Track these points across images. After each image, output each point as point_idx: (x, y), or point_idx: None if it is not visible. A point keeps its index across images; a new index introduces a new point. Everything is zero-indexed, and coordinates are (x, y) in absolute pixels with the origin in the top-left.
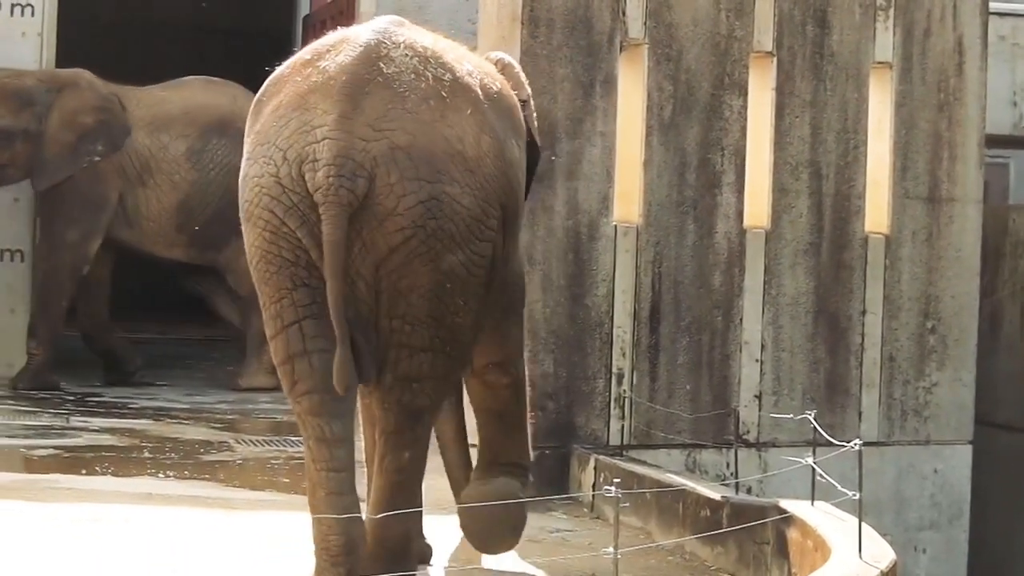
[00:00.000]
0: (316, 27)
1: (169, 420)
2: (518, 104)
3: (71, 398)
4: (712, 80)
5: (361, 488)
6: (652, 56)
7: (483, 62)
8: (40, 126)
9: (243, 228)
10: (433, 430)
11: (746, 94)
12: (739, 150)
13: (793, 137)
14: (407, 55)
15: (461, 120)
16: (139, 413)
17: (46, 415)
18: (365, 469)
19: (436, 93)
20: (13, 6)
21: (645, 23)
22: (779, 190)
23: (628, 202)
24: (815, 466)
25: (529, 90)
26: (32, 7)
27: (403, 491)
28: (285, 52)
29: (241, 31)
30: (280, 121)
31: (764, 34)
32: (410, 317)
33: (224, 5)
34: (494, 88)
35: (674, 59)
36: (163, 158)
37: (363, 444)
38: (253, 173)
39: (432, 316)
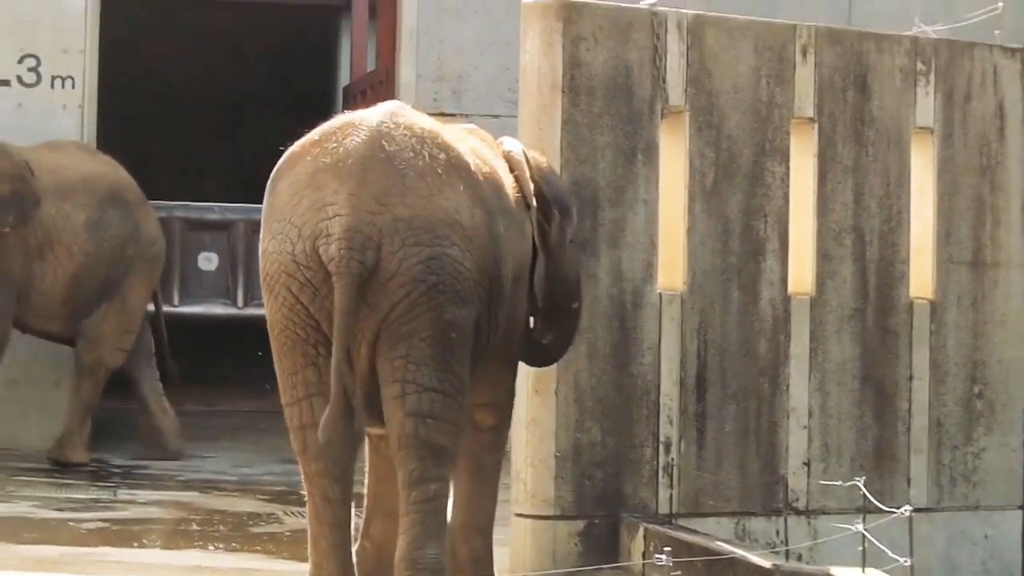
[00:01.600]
0: (356, 96)
1: (217, 492)
2: (508, 184)
3: (117, 470)
4: (754, 147)
5: None
6: (693, 123)
7: (480, 143)
8: None
9: (264, 299)
10: None
11: (788, 160)
12: (782, 216)
13: (836, 203)
14: (406, 135)
15: (456, 195)
16: (186, 485)
17: (93, 488)
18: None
19: (432, 170)
20: (54, 78)
21: (686, 90)
22: (823, 256)
23: (672, 269)
24: (865, 532)
25: (540, 164)
26: (72, 79)
27: (435, 518)
28: (325, 121)
29: (281, 101)
30: (294, 199)
31: (805, 100)
32: (413, 357)
33: (265, 75)
34: (485, 168)
35: (715, 126)
36: (64, 228)
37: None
38: (272, 249)
39: (437, 360)
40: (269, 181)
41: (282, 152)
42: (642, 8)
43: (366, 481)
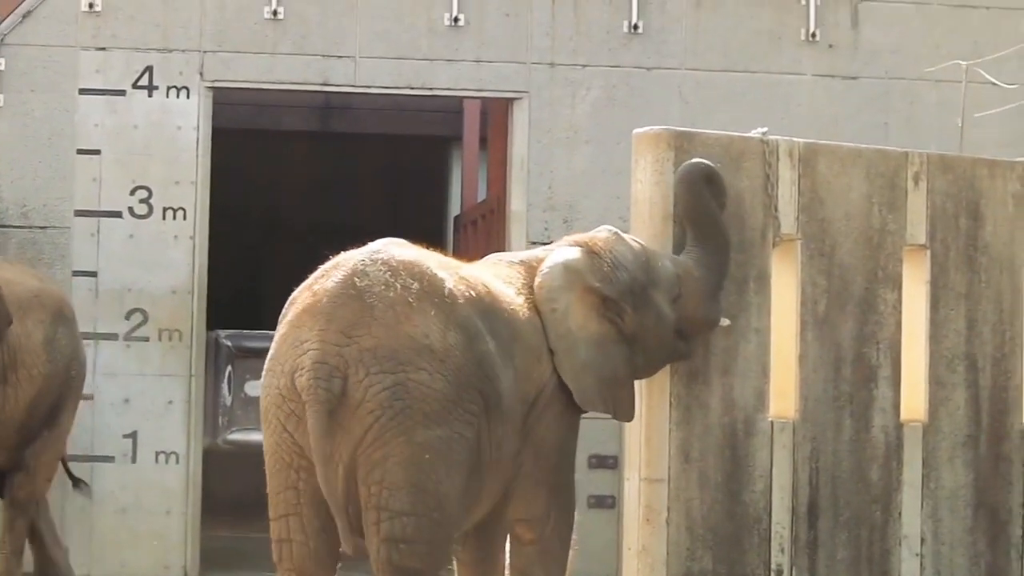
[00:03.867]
0: (466, 226)
1: None
2: (510, 304)
3: None
4: (866, 274)
5: None
6: (805, 251)
7: (480, 271)
8: None
9: (262, 428)
10: None
11: (900, 287)
12: (894, 344)
13: (948, 330)
14: (381, 270)
15: (426, 320)
16: None
17: None
18: None
19: (403, 300)
20: (165, 210)
21: (797, 218)
22: (936, 383)
23: (784, 397)
24: None
25: (601, 267)
26: (184, 210)
27: None
28: (437, 251)
29: (392, 230)
30: (282, 339)
31: (917, 227)
32: (387, 483)
33: (376, 205)
34: (470, 293)
35: (827, 254)
36: (27, 348)
37: None
38: (265, 384)
39: (411, 483)
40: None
41: None
42: (753, 136)
43: None
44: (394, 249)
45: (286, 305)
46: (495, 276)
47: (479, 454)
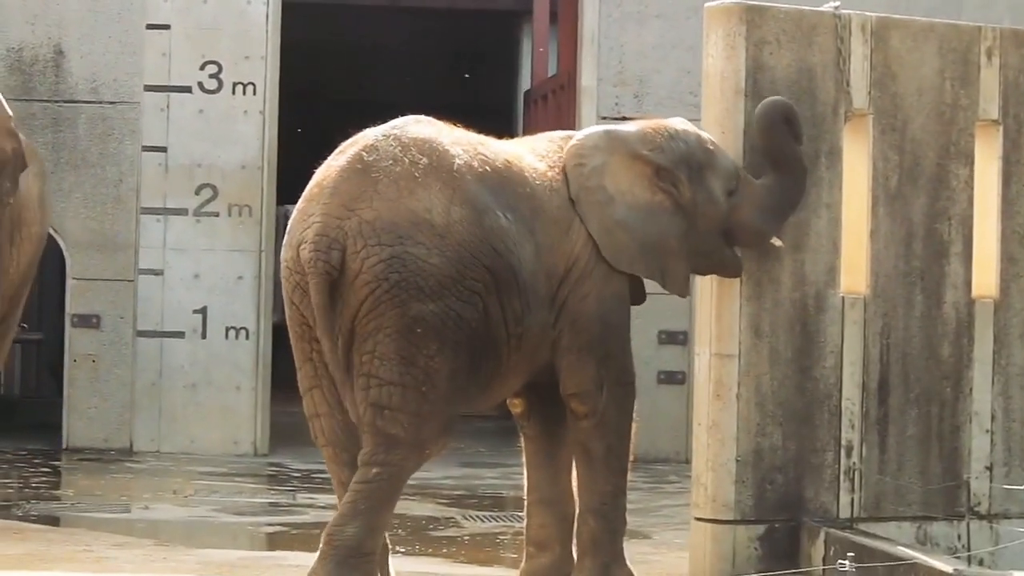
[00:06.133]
0: (537, 102)
1: None
2: (535, 178)
3: (296, 475)
4: (938, 149)
5: None
6: (877, 126)
7: (510, 147)
8: None
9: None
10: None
11: (972, 163)
12: (966, 219)
13: (1021, 206)
14: (392, 145)
15: (430, 195)
16: None
17: (272, 492)
18: None
19: (408, 174)
20: (235, 84)
21: (869, 93)
22: (1007, 259)
23: (855, 273)
24: None
25: (653, 137)
26: (253, 85)
27: (366, 499)
28: (507, 127)
29: (462, 107)
30: (297, 213)
31: (990, 102)
32: (378, 352)
33: (447, 80)
34: (485, 168)
35: (899, 129)
36: (28, 206)
37: None
38: (282, 257)
39: (400, 355)
40: None
41: None
42: (825, 11)
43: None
44: (411, 125)
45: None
46: (531, 151)
47: (489, 330)
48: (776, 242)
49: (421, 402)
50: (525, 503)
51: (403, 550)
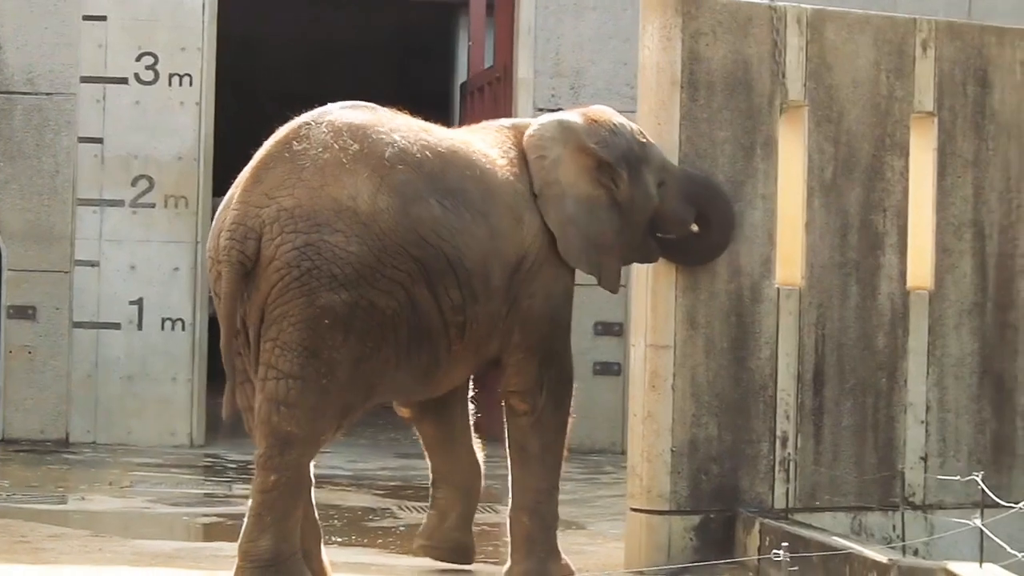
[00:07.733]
0: (473, 93)
1: (332, 487)
2: (484, 165)
3: (233, 466)
4: (873, 141)
5: None
6: (812, 118)
7: (457, 135)
8: None
9: None
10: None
11: (907, 155)
12: (901, 211)
13: (956, 197)
14: (324, 132)
15: (356, 182)
16: None
17: (209, 483)
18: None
19: (336, 161)
20: (171, 76)
21: (805, 84)
22: (942, 251)
23: (790, 264)
24: (983, 528)
25: (598, 130)
26: (190, 77)
27: (270, 511)
28: (443, 118)
29: (398, 98)
30: (224, 202)
31: (925, 94)
32: (280, 342)
33: (382, 72)
34: (422, 155)
35: (834, 120)
36: None
37: None
38: (207, 247)
39: (303, 346)
40: None
41: None
42: (761, 2)
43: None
44: (345, 111)
45: None
46: (479, 139)
47: (419, 320)
48: (694, 228)
49: (320, 396)
50: (431, 480)
51: (339, 540)
